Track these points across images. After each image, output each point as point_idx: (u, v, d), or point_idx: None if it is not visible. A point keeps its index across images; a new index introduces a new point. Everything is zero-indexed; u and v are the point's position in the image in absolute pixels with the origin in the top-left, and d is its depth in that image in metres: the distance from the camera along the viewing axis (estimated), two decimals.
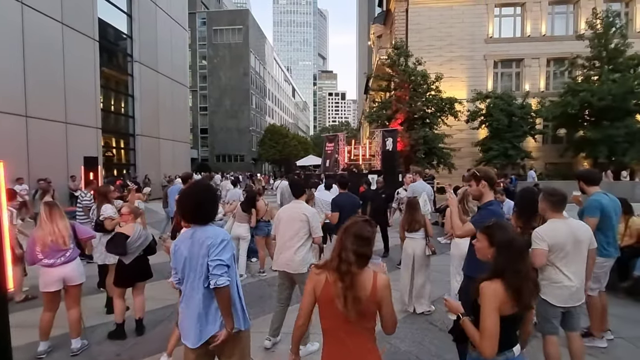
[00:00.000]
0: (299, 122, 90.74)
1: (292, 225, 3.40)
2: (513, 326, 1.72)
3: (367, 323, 1.61)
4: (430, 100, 18.46)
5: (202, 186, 2.23)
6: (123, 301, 3.78)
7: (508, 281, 1.62)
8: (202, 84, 49.14)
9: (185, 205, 2.10)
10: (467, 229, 2.71)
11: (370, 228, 1.64)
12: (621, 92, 15.95)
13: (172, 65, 21.33)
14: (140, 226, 3.86)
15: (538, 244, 2.60)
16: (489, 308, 1.62)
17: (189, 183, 4.38)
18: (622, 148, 16.40)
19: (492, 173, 2.79)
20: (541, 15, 21.48)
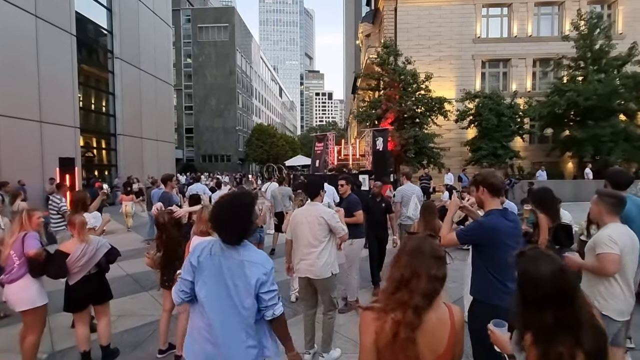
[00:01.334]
0: (286, 122, 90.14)
1: (311, 229, 3.25)
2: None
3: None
4: (420, 99, 18.35)
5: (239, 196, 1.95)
6: (84, 327, 3.21)
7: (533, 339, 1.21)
8: (187, 83, 48.09)
9: (218, 220, 1.85)
10: (449, 238, 2.35)
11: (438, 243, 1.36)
12: (606, 92, 16.18)
13: (156, 63, 20.60)
14: (92, 239, 3.18)
15: (612, 248, 2.29)
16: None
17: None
18: (607, 147, 16.63)
19: (494, 178, 2.30)
20: (527, 16, 21.70)
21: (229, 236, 1.78)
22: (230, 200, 1.87)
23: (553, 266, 1.22)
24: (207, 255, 1.80)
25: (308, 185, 3.58)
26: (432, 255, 1.28)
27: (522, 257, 1.30)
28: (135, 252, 6.92)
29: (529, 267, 1.25)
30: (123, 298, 4.15)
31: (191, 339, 1.82)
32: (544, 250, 1.35)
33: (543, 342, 1.18)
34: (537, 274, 1.21)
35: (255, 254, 1.82)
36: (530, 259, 1.27)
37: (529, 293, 1.23)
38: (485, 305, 2.22)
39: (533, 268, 1.23)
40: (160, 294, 5.00)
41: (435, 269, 1.25)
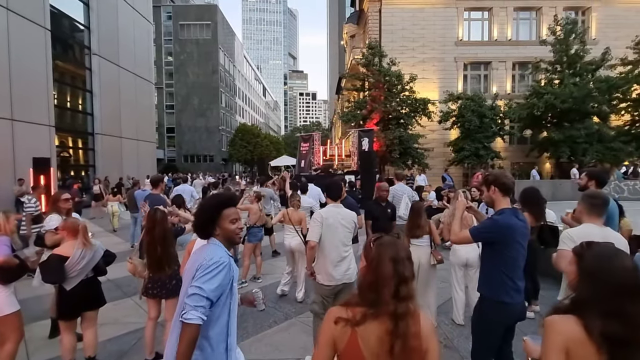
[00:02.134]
0: (270, 122, 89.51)
1: (345, 232, 3.15)
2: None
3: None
4: (404, 100, 18.56)
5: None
6: (72, 336, 3.02)
7: (592, 322, 1.15)
8: (169, 81, 47.00)
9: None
10: (462, 235, 2.40)
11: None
12: (581, 95, 16.80)
13: (136, 60, 19.99)
14: (87, 243, 3.01)
15: (566, 244, 2.33)
16: (550, 349, 1.21)
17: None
18: (582, 148, 17.28)
19: (506, 178, 2.37)
20: (507, 20, 22.31)
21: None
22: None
23: (629, 260, 1.22)
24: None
25: (330, 187, 3.33)
26: (408, 257, 1.30)
27: (592, 246, 1.29)
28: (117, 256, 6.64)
29: (603, 256, 1.23)
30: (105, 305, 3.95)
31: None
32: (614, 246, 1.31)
33: (597, 323, 1.15)
34: (617, 264, 1.19)
35: (211, 248, 1.68)
36: (605, 251, 1.27)
37: (596, 279, 1.20)
38: (493, 302, 2.29)
39: (608, 258, 1.22)
40: (144, 300, 4.82)
41: (408, 272, 1.27)
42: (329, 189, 3.31)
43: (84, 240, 2.96)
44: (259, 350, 3.52)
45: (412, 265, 1.30)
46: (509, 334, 2.39)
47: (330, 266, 3.06)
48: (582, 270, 1.26)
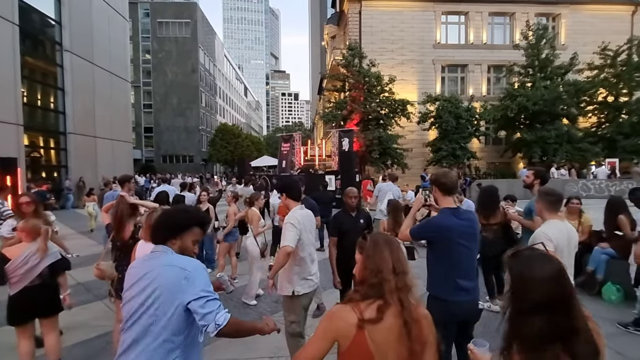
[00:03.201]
0: (251, 122, 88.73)
1: (313, 234, 3.10)
2: None
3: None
4: (384, 101, 18.82)
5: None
6: (27, 341, 2.87)
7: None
8: (146, 80, 45.81)
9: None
10: (404, 234, 2.45)
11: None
12: (551, 97, 17.53)
13: (111, 57, 19.40)
14: (38, 246, 2.84)
15: (548, 246, 2.47)
16: None
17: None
18: (553, 149, 18.02)
19: (445, 178, 2.37)
20: (482, 24, 22.99)
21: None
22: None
23: (551, 269, 1.11)
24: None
25: (291, 186, 3.03)
26: (400, 249, 1.37)
27: (516, 257, 1.19)
28: (87, 258, 6.46)
29: (523, 269, 1.14)
30: (74, 308, 3.85)
31: None
32: (542, 250, 1.24)
33: (528, 350, 1.08)
34: (533, 276, 1.10)
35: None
36: (525, 260, 1.16)
37: (521, 297, 1.11)
38: (438, 301, 2.30)
39: (527, 270, 1.12)
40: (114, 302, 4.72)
41: (404, 265, 1.34)
42: (290, 188, 2.99)
43: (43, 245, 2.83)
44: (232, 350, 3.52)
45: (405, 257, 1.35)
46: (463, 333, 2.37)
47: (307, 271, 2.92)
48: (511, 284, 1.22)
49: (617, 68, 18.64)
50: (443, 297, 2.28)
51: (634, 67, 18.26)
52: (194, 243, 1.66)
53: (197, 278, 1.48)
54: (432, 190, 2.42)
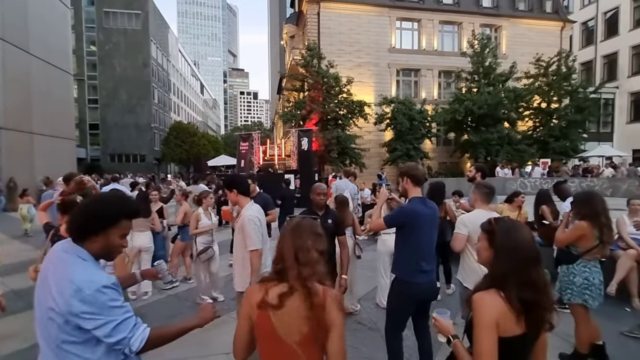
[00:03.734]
0: (208, 121, 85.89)
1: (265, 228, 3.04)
2: (519, 353, 1.34)
3: (312, 354, 1.29)
4: (342, 102, 19.21)
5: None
6: None
7: (509, 292, 1.27)
8: (92, 73, 42.56)
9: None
10: (378, 223, 2.66)
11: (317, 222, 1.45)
12: (494, 102, 18.99)
13: (49, 47, 17.84)
14: None
15: (460, 229, 2.73)
16: (484, 326, 1.27)
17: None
18: (495, 150, 19.53)
19: (416, 170, 2.65)
20: (433, 32, 24.29)
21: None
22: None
23: (529, 232, 1.37)
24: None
25: (239, 181, 2.98)
26: (312, 232, 1.37)
27: (499, 223, 1.41)
28: (20, 264, 5.92)
29: (511, 231, 1.36)
30: (5, 318, 3.53)
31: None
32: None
33: (515, 294, 1.26)
34: (521, 236, 1.34)
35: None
36: (511, 225, 1.40)
37: (511, 253, 1.31)
38: (400, 281, 2.55)
39: (515, 232, 1.35)
40: None
41: (316, 243, 1.35)
42: (239, 184, 2.91)
43: None
44: (185, 349, 3.44)
45: (316, 238, 1.36)
46: (421, 311, 2.63)
47: (263, 266, 2.93)
48: (496, 247, 1.37)
49: (549, 77, 20.67)
50: (407, 279, 2.51)
51: (562, 77, 20.37)
52: (122, 237, 1.38)
53: (97, 299, 1.20)
54: (403, 182, 2.63)
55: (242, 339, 1.36)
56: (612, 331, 3.48)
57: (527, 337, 1.29)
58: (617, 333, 3.50)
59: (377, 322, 3.95)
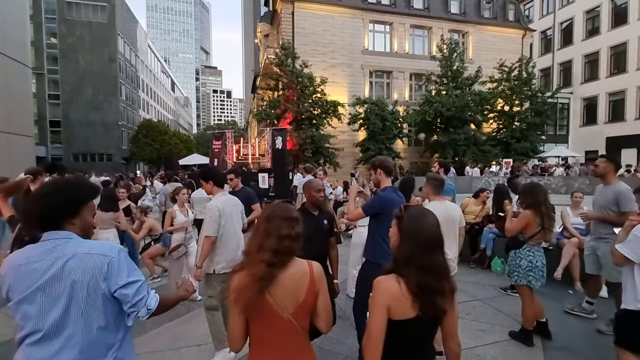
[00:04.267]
0: (180, 119, 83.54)
1: (238, 218, 3.27)
2: (416, 335, 1.40)
3: (302, 321, 1.43)
4: (316, 102, 19.39)
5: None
6: None
7: (408, 276, 1.34)
8: (52, 67, 40.26)
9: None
10: (357, 212, 2.88)
11: (293, 206, 1.55)
12: (461, 105, 19.86)
13: (6, 38, 16.81)
14: None
15: None
16: (375, 306, 1.35)
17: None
18: (462, 150, 20.43)
19: (388, 162, 2.97)
20: (405, 35, 25.02)
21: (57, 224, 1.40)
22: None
23: (434, 219, 1.45)
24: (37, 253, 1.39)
25: (215, 173, 3.27)
26: (283, 217, 1.44)
27: (408, 210, 1.48)
28: None
29: (418, 217, 1.43)
30: None
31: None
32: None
33: (412, 277, 1.33)
34: (426, 223, 1.41)
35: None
36: (418, 212, 1.48)
37: (414, 238, 1.38)
38: (374, 265, 2.75)
39: (421, 218, 1.43)
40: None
41: (285, 229, 1.41)
42: (215, 176, 3.18)
43: None
44: (158, 342, 3.47)
45: (290, 223, 1.44)
46: None
47: (232, 253, 3.11)
48: (401, 232, 1.44)
49: (511, 82, 21.88)
50: (378, 261, 2.70)
51: (523, 82, 21.64)
52: (92, 216, 1.46)
53: (121, 263, 1.34)
54: (376, 173, 2.93)
55: (239, 328, 1.40)
56: (556, 310, 3.86)
57: (421, 320, 1.32)
58: (560, 312, 3.88)
59: (346, 311, 4.13)
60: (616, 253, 2.25)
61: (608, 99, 25.46)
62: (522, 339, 3.24)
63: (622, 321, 2.34)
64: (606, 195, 3.29)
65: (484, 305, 4.22)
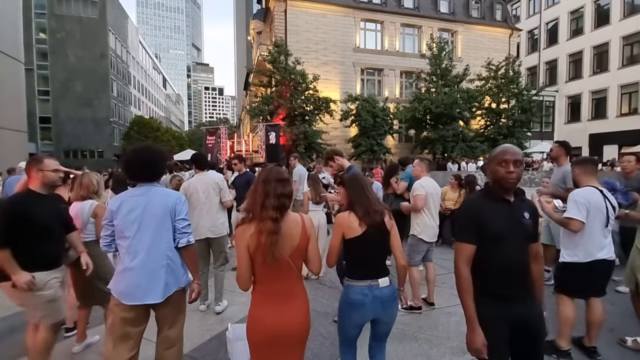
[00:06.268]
0: (171, 116, 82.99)
1: (214, 193, 3.78)
2: (366, 249, 1.93)
3: (297, 261, 1.73)
4: (308, 98, 19.76)
5: (150, 146, 2.36)
6: None
7: (355, 207, 1.96)
8: (42, 62, 39.84)
9: (136, 164, 2.17)
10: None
11: (284, 169, 1.90)
12: (449, 102, 20.40)
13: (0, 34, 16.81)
14: None
15: (420, 191, 3.46)
16: (335, 229, 1.98)
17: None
18: (451, 146, 21.01)
19: (335, 149, 3.85)
20: (395, 33, 25.51)
21: (147, 177, 2.17)
22: (145, 149, 2.23)
23: (363, 177, 2.25)
24: (126, 197, 2.11)
25: (197, 159, 4.00)
26: (277, 179, 1.71)
27: (344, 177, 2.26)
28: None
29: (351, 177, 2.21)
30: None
31: (125, 273, 2.05)
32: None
33: (357, 208, 2.02)
34: (359, 177, 2.21)
35: (167, 189, 2.24)
36: (350, 175, 2.27)
37: (352, 189, 2.10)
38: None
39: (353, 177, 2.21)
40: None
41: (281, 189, 1.70)
42: (195, 161, 3.95)
43: None
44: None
45: (284, 184, 1.72)
46: None
47: (211, 221, 3.73)
48: (344, 187, 2.12)
49: (498, 80, 22.53)
50: None
51: (510, 80, 22.29)
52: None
53: (184, 205, 2.17)
54: (336, 161, 3.60)
55: (245, 269, 1.68)
56: None
57: (367, 233, 1.92)
58: None
59: (335, 282, 4.58)
60: (561, 219, 2.72)
61: (591, 97, 26.34)
62: None
63: (559, 271, 2.82)
64: (557, 174, 3.79)
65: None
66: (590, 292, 2.71)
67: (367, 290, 1.91)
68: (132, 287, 2.01)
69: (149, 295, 2.03)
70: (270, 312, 1.67)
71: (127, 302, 2.01)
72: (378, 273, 1.96)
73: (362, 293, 1.91)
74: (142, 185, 2.14)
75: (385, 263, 2.06)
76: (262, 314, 1.68)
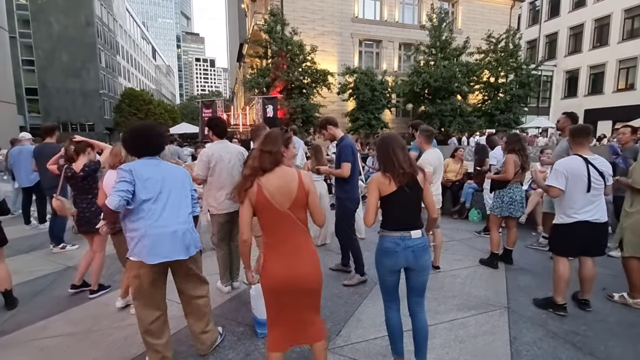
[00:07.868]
0: (162, 89, 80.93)
1: (236, 163, 3.39)
2: (399, 205, 2.06)
3: (300, 214, 1.85)
4: (305, 70, 19.37)
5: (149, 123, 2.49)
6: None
7: (384, 169, 2.09)
8: (24, 30, 38.10)
9: (140, 139, 2.29)
10: (345, 168, 3.51)
11: (278, 131, 2.02)
12: (448, 76, 20.17)
13: None
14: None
15: (429, 168, 3.56)
16: (370, 189, 2.11)
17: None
18: (448, 121, 21.00)
19: (329, 117, 3.83)
20: (395, 3, 24.72)
21: (156, 152, 2.31)
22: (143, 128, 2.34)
23: (391, 139, 2.33)
24: (139, 166, 2.18)
25: (216, 123, 3.44)
26: (267, 141, 1.91)
27: (377, 141, 2.31)
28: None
29: (381, 141, 2.25)
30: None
31: (152, 233, 2.10)
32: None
33: (385, 169, 2.12)
34: (385, 142, 2.20)
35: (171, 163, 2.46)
36: (380, 139, 2.29)
37: (382, 153, 2.16)
38: (340, 200, 3.72)
39: (381, 141, 2.24)
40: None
41: (270, 146, 1.87)
42: (215, 126, 3.40)
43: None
44: None
45: (274, 142, 1.88)
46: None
47: (221, 195, 3.28)
48: (377, 151, 2.19)
49: (498, 53, 22.22)
50: (341, 196, 3.63)
51: (509, 53, 21.99)
52: None
53: (190, 178, 2.44)
54: (328, 130, 3.79)
55: (247, 219, 1.84)
56: (520, 247, 4.58)
57: (399, 190, 2.03)
58: (523, 248, 4.62)
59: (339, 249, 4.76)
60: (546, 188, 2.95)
61: (589, 72, 26.25)
62: (489, 264, 3.96)
63: (553, 232, 3.06)
64: (562, 145, 3.92)
65: (461, 244, 4.93)
66: (578, 251, 2.97)
67: (400, 240, 2.05)
68: (159, 247, 2.10)
69: (176, 254, 2.16)
70: (279, 263, 1.82)
71: (155, 261, 2.08)
72: (411, 226, 2.08)
73: (394, 242, 2.06)
74: (150, 158, 2.26)
75: (419, 217, 2.15)
76: (272, 266, 1.83)
